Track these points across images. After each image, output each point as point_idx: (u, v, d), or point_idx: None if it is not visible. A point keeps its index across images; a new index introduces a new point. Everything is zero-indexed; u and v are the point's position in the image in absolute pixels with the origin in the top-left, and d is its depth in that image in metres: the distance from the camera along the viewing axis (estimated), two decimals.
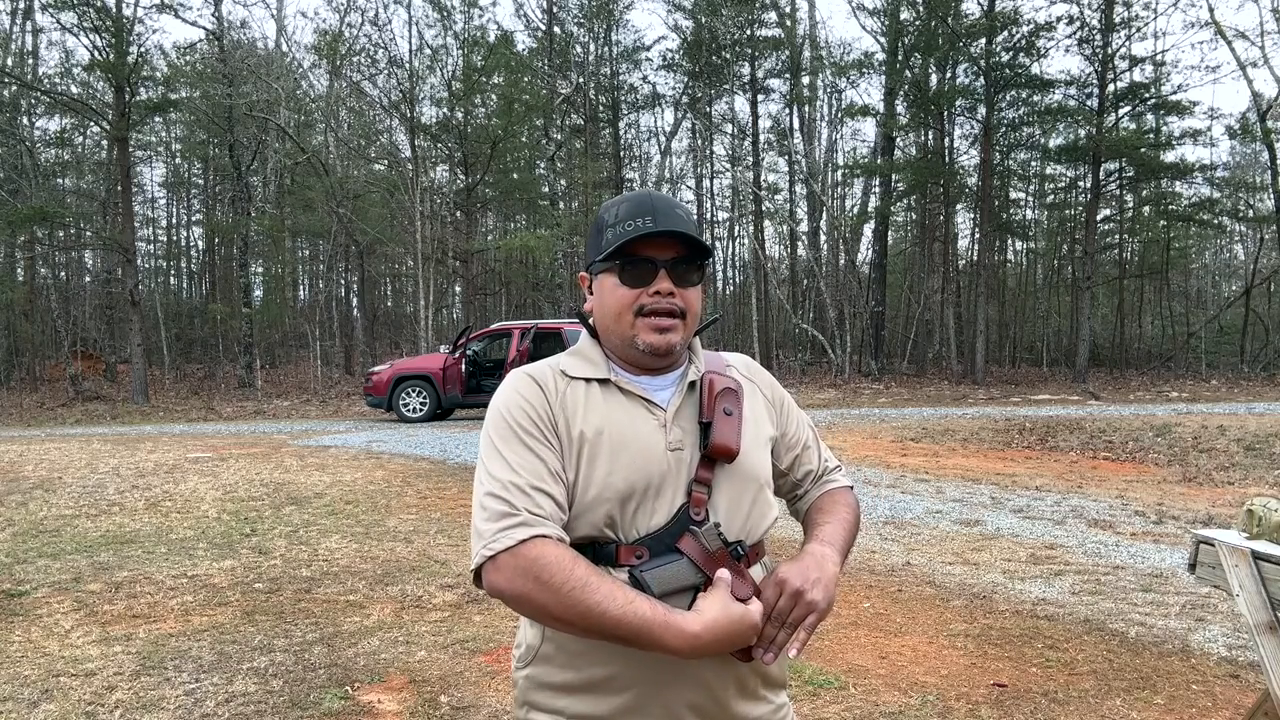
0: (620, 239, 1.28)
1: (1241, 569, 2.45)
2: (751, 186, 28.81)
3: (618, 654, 1.21)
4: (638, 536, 1.23)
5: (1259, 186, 31.51)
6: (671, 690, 1.23)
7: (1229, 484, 8.47)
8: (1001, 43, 24.51)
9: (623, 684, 1.23)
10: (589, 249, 1.37)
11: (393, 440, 11.72)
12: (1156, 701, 3.38)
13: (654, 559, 1.22)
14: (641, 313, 1.29)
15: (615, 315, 1.30)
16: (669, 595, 1.19)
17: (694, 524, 1.24)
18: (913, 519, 6.77)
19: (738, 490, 1.30)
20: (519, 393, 1.28)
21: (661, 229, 1.27)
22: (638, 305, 1.29)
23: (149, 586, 5.02)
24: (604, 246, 1.31)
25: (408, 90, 24.18)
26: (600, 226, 1.34)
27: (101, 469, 8.98)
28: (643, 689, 1.23)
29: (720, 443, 1.27)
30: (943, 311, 28.21)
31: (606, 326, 1.33)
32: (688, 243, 1.30)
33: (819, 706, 3.34)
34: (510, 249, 25.62)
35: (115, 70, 20.37)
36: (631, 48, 30.74)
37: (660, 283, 1.28)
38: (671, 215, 1.29)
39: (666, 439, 1.27)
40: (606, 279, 1.32)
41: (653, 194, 1.34)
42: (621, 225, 1.29)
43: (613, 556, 1.23)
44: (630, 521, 1.24)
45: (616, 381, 1.30)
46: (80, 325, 28.45)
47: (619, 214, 1.31)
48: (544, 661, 1.28)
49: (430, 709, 3.35)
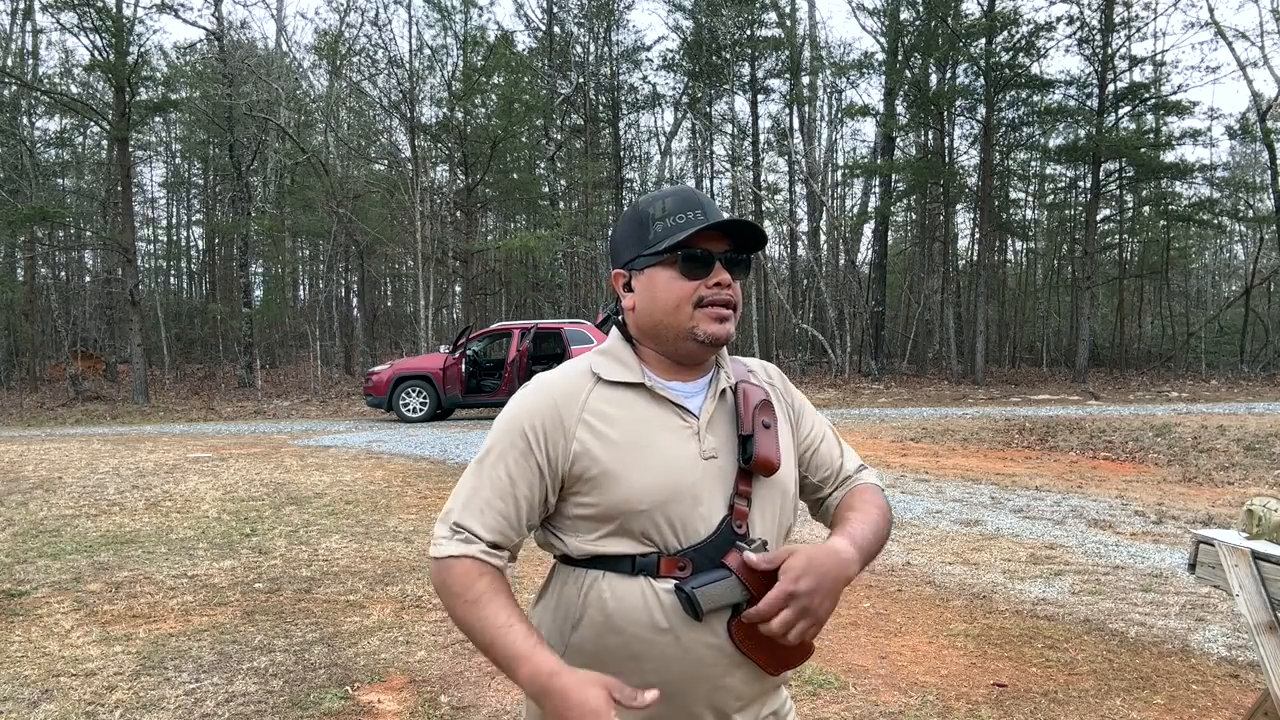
0: (678, 231, 1.27)
1: (1241, 569, 2.45)
2: (751, 186, 28.81)
3: (638, 661, 1.20)
4: (679, 548, 1.22)
5: (1259, 186, 31.49)
6: (690, 695, 1.22)
7: (1229, 484, 8.47)
8: (1001, 43, 24.51)
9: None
10: (627, 245, 1.33)
11: (393, 440, 11.72)
12: (1156, 701, 3.38)
13: (699, 574, 1.20)
14: (700, 304, 1.27)
15: (673, 308, 1.27)
16: (714, 612, 1.19)
17: (738, 538, 1.23)
18: (913, 519, 6.77)
19: (775, 503, 1.30)
20: (527, 406, 1.27)
21: (721, 220, 1.27)
22: (696, 297, 1.27)
23: (149, 586, 5.02)
24: (652, 240, 1.28)
25: (408, 90, 24.18)
26: (644, 220, 1.30)
27: (101, 469, 8.98)
28: (671, 701, 1.21)
29: (764, 456, 1.26)
30: (943, 311, 28.21)
31: (658, 321, 1.29)
32: (738, 236, 1.31)
33: (819, 706, 3.34)
34: (510, 249, 25.61)
35: (115, 70, 20.37)
36: (631, 48, 30.74)
37: (719, 274, 1.28)
38: (717, 210, 1.30)
39: (700, 447, 1.26)
40: (660, 273, 1.28)
41: (692, 189, 1.34)
42: (672, 218, 1.28)
43: (654, 567, 1.21)
44: (670, 532, 1.22)
45: (650, 386, 1.28)
46: (80, 325, 28.45)
47: (666, 208, 1.29)
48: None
49: (430, 709, 3.35)
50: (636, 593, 1.21)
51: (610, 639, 1.22)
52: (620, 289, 1.35)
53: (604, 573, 1.23)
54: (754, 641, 1.21)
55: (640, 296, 1.31)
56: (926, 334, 29.31)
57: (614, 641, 1.22)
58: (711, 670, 1.22)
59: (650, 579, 1.21)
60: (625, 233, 1.34)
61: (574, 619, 1.25)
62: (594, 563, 1.24)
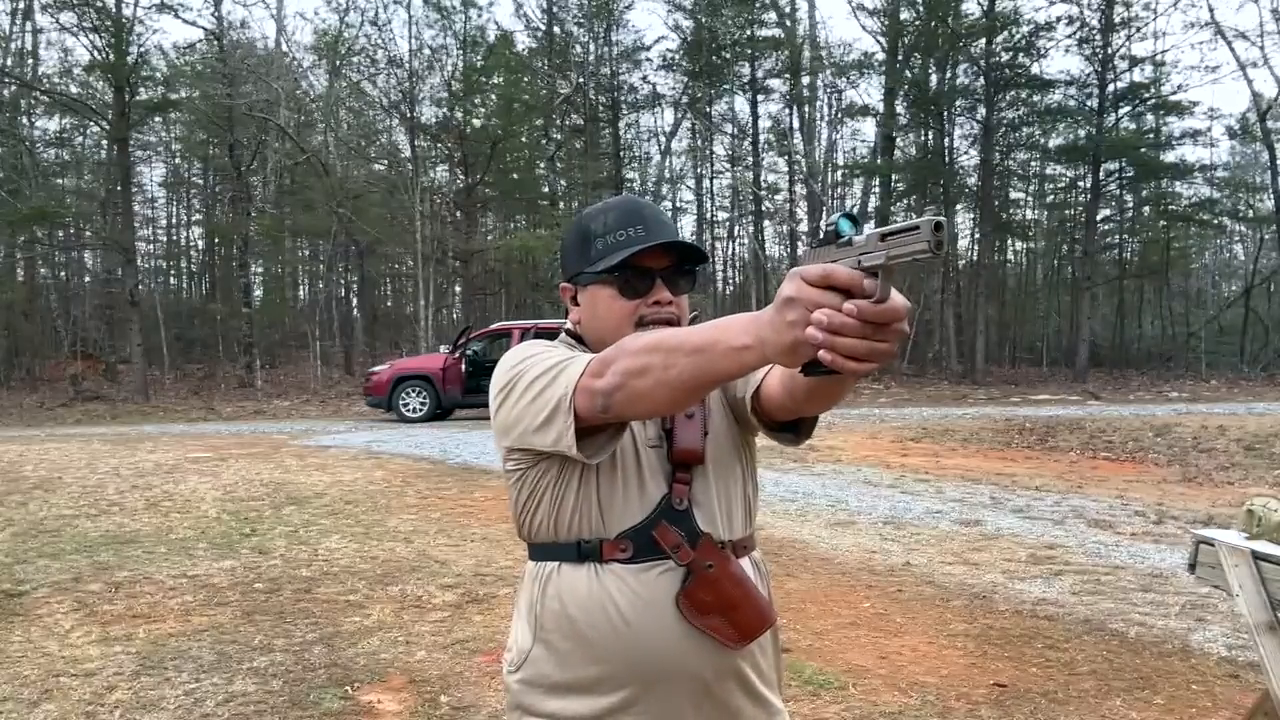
0: (618, 249, 1.25)
1: (1241, 569, 2.45)
2: (751, 186, 28.81)
3: (608, 653, 1.22)
4: (620, 531, 1.24)
5: (1259, 186, 31.48)
6: (666, 687, 1.23)
7: (1229, 484, 8.48)
8: (1001, 43, 24.53)
9: (615, 683, 1.23)
10: (571, 258, 1.33)
11: (393, 440, 11.71)
12: (1156, 701, 3.38)
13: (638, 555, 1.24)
14: (641, 323, 1.27)
15: (614, 328, 1.27)
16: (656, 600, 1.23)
17: (677, 514, 1.25)
18: (913, 519, 6.77)
19: (717, 484, 1.30)
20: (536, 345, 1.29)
21: (662, 239, 1.26)
22: (637, 315, 1.27)
23: (149, 586, 5.02)
24: (594, 257, 1.28)
25: (407, 90, 24.20)
26: (585, 235, 1.29)
27: (101, 469, 8.98)
28: (636, 687, 1.22)
29: (682, 448, 1.27)
30: (943, 311, 28.20)
31: (602, 339, 1.28)
32: (681, 251, 1.29)
33: (819, 706, 3.34)
34: (510, 249, 25.62)
35: (115, 70, 20.39)
36: (631, 48, 30.68)
37: (659, 293, 1.27)
38: (661, 224, 1.28)
39: (645, 434, 1.28)
40: (601, 290, 1.28)
41: (637, 200, 1.32)
42: (613, 235, 1.26)
43: (598, 553, 1.24)
44: (614, 518, 1.24)
45: None
46: (80, 325, 28.42)
47: (608, 223, 1.28)
48: (535, 664, 1.28)
49: (430, 709, 3.35)
50: (584, 580, 1.23)
51: (571, 630, 1.24)
52: (568, 301, 1.36)
53: (558, 564, 1.26)
54: (706, 613, 1.23)
55: (585, 312, 1.32)
56: (926, 334, 29.30)
57: (575, 632, 1.24)
58: (671, 655, 1.22)
59: (596, 564, 1.23)
60: (570, 245, 1.33)
61: (539, 614, 1.27)
62: (547, 553, 1.27)
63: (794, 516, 6.84)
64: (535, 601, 1.28)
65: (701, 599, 1.22)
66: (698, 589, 1.23)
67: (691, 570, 1.23)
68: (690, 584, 1.23)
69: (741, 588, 1.25)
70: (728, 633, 1.24)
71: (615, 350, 1.08)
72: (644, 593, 1.22)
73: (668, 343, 1.01)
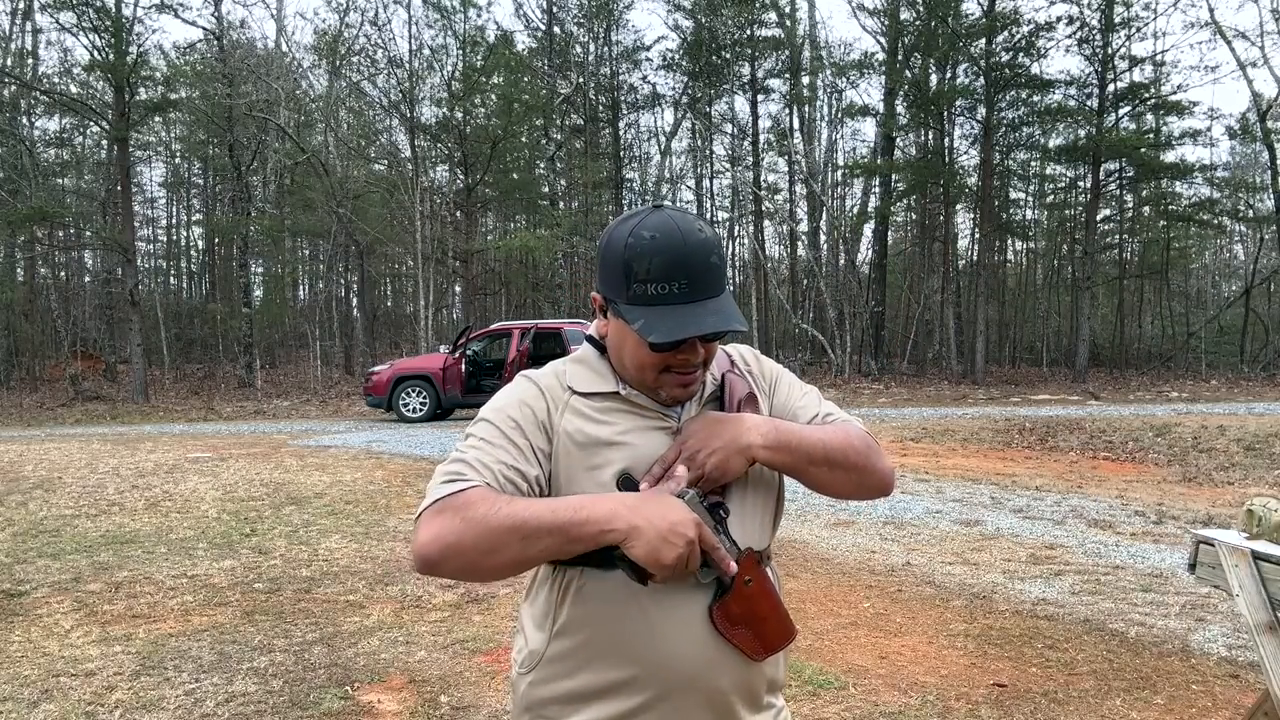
0: (656, 303, 1.17)
1: (1241, 569, 2.45)
2: (751, 186, 28.81)
3: (630, 658, 1.20)
4: None
5: (1259, 186, 31.47)
6: (683, 696, 1.21)
7: (1229, 484, 8.48)
8: (1001, 43, 24.53)
9: (633, 689, 1.21)
10: (608, 279, 1.22)
11: (393, 440, 11.71)
12: (1156, 701, 3.38)
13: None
14: (666, 370, 1.23)
15: (636, 367, 1.23)
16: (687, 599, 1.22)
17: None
18: (913, 519, 6.77)
19: (752, 495, 1.29)
20: (518, 395, 1.26)
21: (702, 317, 1.17)
22: (663, 365, 1.22)
23: (149, 586, 5.02)
24: (630, 300, 1.19)
25: (407, 90, 24.20)
26: (626, 270, 1.18)
27: (101, 469, 8.98)
28: (653, 694, 1.21)
29: None
30: (943, 311, 28.21)
31: (624, 367, 1.25)
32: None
33: (819, 706, 3.34)
34: (510, 249, 25.62)
35: (115, 70, 20.38)
36: (631, 48, 30.72)
37: (691, 351, 1.21)
38: (706, 278, 1.18)
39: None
40: (631, 334, 1.20)
41: (684, 245, 1.17)
42: (654, 285, 1.17)
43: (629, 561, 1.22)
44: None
45: (626, 395, 1.26)
46: (80, 325, 28.46)
47: (651, 270, 1.16)
48: (551, 665, 1.25)
49: (430, 709, 3.35)
50: (612, 587, 1.19)
51: (593, 634, 1.21)
52: (598, 310, 1.29)
53: (582, 569, 1.21)
54: (735, 625, 1.22)
55: (612, 335, 1.27)
56: (926, 334, 29.30)
57: (597, 637, 1.21)
58: (697, 663, 1.21)
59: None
60: (608, 263, 1.22)
61: (557, 616, 1.24)
62: (573, 559, 1.21)
63: (794, 516, 6.84)
64: (554, 605, 1.25)
65: (734, 611, 1.21)
66: (732, 601, 1.20)
67: (730, 583, 1.20)
68: (726, 596, 1.20)
69: (771, 601, 1.24)
70: (753, 645, 1.23)
71: (479, 508, 1.11)
72: (677, 602, 1.20)
73: (528, 525, 1.10)
